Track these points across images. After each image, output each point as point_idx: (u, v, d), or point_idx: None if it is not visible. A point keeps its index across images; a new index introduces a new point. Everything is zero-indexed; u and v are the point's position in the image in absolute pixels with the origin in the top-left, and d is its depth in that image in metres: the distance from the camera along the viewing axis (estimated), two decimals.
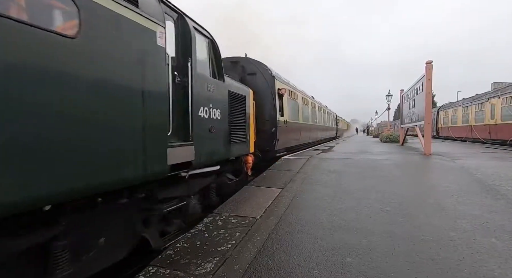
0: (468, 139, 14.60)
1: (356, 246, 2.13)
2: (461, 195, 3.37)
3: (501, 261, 1.84)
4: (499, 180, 4.01)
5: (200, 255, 2.12)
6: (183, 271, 1.90)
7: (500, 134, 11.53)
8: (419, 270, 1.77)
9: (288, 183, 4.24)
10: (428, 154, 7.24)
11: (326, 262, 1.91)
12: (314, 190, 3.85)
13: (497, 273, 1.70)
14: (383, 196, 3.41)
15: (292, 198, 3.48)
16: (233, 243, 2.28)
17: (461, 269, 1.76)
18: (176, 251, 2.21)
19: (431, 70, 7.23)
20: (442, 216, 2.70)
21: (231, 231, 2.54)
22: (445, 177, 4.36)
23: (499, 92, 11.85)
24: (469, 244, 2.09)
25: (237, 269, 1.87)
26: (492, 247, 2.04)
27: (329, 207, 3.09)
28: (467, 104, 15.13)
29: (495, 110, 11.90)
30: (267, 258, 2.01)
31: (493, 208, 2.87)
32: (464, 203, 3.05)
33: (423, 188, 3.83)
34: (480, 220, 2.57)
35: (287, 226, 2.60)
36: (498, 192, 3.42)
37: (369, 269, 1.80)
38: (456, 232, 2.31)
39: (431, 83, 7.23)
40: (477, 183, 3.90)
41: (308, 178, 4.54)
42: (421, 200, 3.21)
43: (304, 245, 2.19)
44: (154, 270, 1.94)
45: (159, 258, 2.12)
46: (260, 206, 3.22)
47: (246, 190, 4.02)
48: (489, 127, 12.37)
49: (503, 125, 11.27)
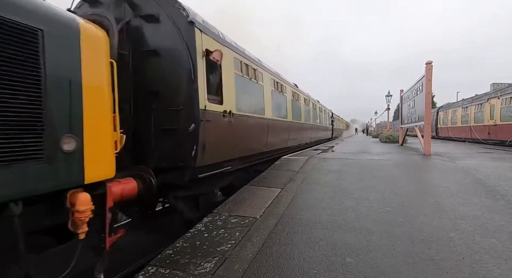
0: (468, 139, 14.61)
1: (356, 246, 2.13)
2: (460, 195, 3.37)
3: (501, 262, 1.84)
4: (498, 181, 4.01)
5: (199, 255, 2.12)
6: (182, 271, 1.90)
7: (499, 135, 11.55)
8: (419, 270, 1.77)
9: (287, 183, 4.23)
10: (428, 154, 7.24)
11: (326, 262, 1.91)
12: (314, 190, 3.85)
13: (496, 274, 1.70)
14: (383, 196, 3.41)
15: (292, 198, 3.48)
16: (232, 243, 2.27)
17: (461, 270, 1.76)
18: (176, 250, 2.21)
19: (431, 71, 7.23)
20: (441, 216, 2.70)
21: (230, 231, 2.53)
22: (445, 177, 4.36)
23: (499, 93, 11.87)
24: (469, 245, 2.09)
25: (236, 269, 1.87)
26: (491, 248, 2.04)
27: (329, 207, 3.09)
28: (467, 105, 15.14)
29: (494, 111, 11.92)
30: (266, 258, 2.01)
31: (492, 209, 2.87)
32: (464, 204, 3.05)
33: (422, 188, 3.83)
34: (479, 220, 2.57)
35: (286, 226, 2.59)
36: (497, 193, 3.42)
37: (369, 269, 1.80)
38: (456, 233, 2.31)
39: (431, 83, 7.23)
40: (477, 184, 3.91)
41: (308, 178, 4.53)
42: (420, 200, 3.21)
43: (304, 245, 2.19)
44: (153, 270, 1.94)
45: (159, 258, 2.12)
46: (260, 206, 3.21)
47: (246, 190, 4.02)
48: (489, 128, 12.38)
49: (502, 126, 11.28)
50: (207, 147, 3.38)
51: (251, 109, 5.01)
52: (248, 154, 4.97)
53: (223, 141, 3.92)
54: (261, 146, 5.66)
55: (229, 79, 4.17)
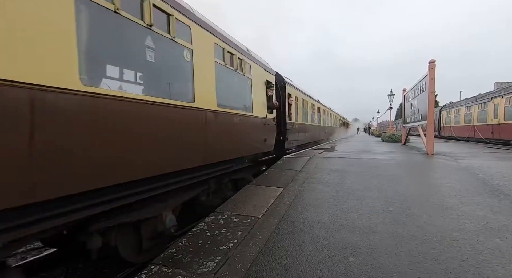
0: (471, 139, 14.52)
1: (359, 245, 2.12)
2: (464, 195, 3.35)
3: (505, 262, 1.82)
4: (502, 180, 3.98)
5: (202, 253, 2.12)
6: (185, 269, 1.90)
7: (503, 134, 11.47)
8: (422, 270, 1.76)
9: (290, 182, 4.23)
10: (431, 153, 7.20)
11: (328, 262, 1.90)
12: (316, 189, 3.84)
13: (501, 274, 1.69)
14: (385, 196, 3.40)
15: (294, 197, 3.48)
16: (235, 242, 2.27)
17: (465, 270, 1.74)
18: (178, 249, 2.22)
19: (434, 70, 7.18)
20: (445, 216, 2.68)
21: (233, 230, 2.53)
22: (448, 177, 4.34)
23: (502, 91, 11.77)
24: (473, 245, 2.08)
25: (239, 268, 1.87)
26: (496, 248, 2.02)
27: (331, 206, 3.08)
28: (470, 104, 15.04)
29: (498, 110, 11.82)
30: (269, 257, 2.00)
31: (496, 208, 2.85)
32: (467, 203, 3.03)
33: (425, 188, 3.80)
34: (483, 220, 2.55)
35: (289, 225, 2.59)
36: (501, 192, 3.40)
37: (372, 269, 1.80)
38: (460, 232, 2.30)
39: (433, 82, 7.18)
40: (480, 183, 3.88)
41: (310, 177, 4.52)
42: (424, 200, 3.19)
43: (306, 244, 2.18)
44: (156, 269, 1.94)
45: (162, 257, 2.12)
46: (262, 205, 3.21)
47: (248, 189, 4.02)
48: (492, 127, 12.30)
49: (506, 125, 11.20)
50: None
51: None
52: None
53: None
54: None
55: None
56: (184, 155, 3.15)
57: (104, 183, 2.15)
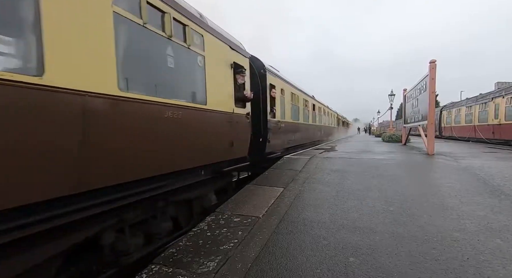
0: (472, 139, 14.51)
1: (359, 245, 2.12)
2: (464, 195, 3.34)
3: (506, 262, 1.82)
4: (503, 180, 3.97)
5: (202, 253, 2.12)
6: (185, 269, 1.91)
7: (504, 134, 11.45)
8: (422, 270, 1.76)
9: (290, 182, 4.23)
10: (431, 153, 7.19)
11: (329, 262, 1.90)
12: (317, 189, 3.84)
13: (502, 274, 1.69)
14: (386, 196, 3.39)
15: (294, 197, 3.48)
16: (235, 242, 2.28)
17: (465, 270, 1.74)
18: (179, 249, 2.22)
19: (435, 70, 7.17)
20: (445, 216, 2.68)
21: (233, 230, 2.54)
22: (449, 177, 4.33)
23: (503, 92, 11.76)
24: (473, 245, 2.08)
25: (239, 268, 1.87)
26: (496, 248, 2.02)
27: (331, 206, 3.08)
28: (471, 104, 15.03)
29: (499, 110, 11.81)
30: (269, 257, 2.01)
31: (497, 208, 2.84)
32: (468, 203, 3.03)
33: (426, 188, 3.80)
34: (484, 220, 2.55)
35: (289, 225, 2.59)
36: (502, 192, 3.39)
37: (372, 269, 1.79)
38: (460, 233, 2.29)
39: (434, 82, 7.17)
40: (481, 183, 3.87)
41: (311, 177, 4.52)
42: (424, 200, 3.19)
43: (306, 244, 2.18)
44: (156, 268, 1.94)
45: (162, 256, 2.13)
46: (262, 205, 3.22)
47: (248, 189, 4.02)
48: (493, 127, 12.28)
49: (507, 125, 11.18)
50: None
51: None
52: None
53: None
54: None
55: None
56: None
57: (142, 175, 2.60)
